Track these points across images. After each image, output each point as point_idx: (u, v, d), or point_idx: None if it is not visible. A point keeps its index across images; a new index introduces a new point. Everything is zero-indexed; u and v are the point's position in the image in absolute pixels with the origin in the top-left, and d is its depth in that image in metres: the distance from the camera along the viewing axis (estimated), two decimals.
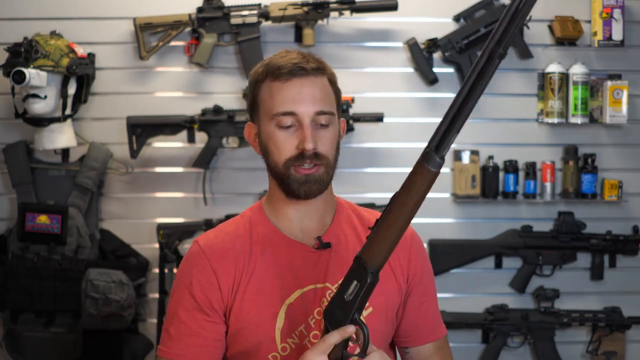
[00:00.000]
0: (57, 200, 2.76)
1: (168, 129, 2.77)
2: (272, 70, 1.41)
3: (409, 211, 1.16)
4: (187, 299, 1.42)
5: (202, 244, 1.46)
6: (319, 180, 1.40)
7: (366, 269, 1.19)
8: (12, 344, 2.72)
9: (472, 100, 1.10)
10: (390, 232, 1.17)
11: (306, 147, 1.37)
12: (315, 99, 1.40)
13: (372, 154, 2.88)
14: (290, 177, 1.40)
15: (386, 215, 1.18)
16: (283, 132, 1.40)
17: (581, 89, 2.83)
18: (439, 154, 1.14)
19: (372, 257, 1.19)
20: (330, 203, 1.49)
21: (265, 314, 1.41)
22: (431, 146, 1.14)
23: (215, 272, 1.42)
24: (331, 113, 1.42)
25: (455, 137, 1.14)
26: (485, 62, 1.06)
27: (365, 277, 1.19)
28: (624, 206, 2.93)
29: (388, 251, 1.19)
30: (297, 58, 1.41)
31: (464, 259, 2.87)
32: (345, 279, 1.21)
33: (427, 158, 1.15)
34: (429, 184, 1.15)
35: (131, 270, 2.74)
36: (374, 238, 1.19)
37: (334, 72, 1.47)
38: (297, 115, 1.39)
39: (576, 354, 2.94)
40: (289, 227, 1.46)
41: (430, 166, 1.14)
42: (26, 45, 2.63)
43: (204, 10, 2.78)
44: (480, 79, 1.08)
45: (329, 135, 1.41)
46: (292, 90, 1.39)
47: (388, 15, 2.81)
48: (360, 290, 1.19)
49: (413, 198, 1.16)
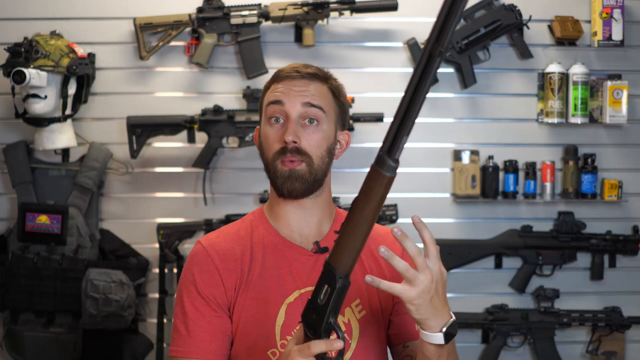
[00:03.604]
0: (57, 200, 2.76)
1: (168, 129, 2.78)
2: (276, 75, 1.52)
3: (368, 216, 1.15)
4: (194, 297, 1.46)
5: (205, 243, 1.50)
6: (301, 177, 1.45)
7: (334, 273, 1.18)
8: (12, 344, 2.72)
9: (417, 101, 1.10)
10: (353, 237, 1.16)
11: (286, 138, 1.43)
12: (305, 94, 1.47)
13: (372, 154, 2.86)
14: (276, 172, 1.46)
15: (347, 221, 1.17)
16: (272, 127, 1.47)
17: (581, 89, 2.83)
18: (392, 157, 1.12)
19: (339, 262, 1.18)
20: (328, 211, 1.54)
21: (267, 312, 1.44)
22: (383, 150, 1.12)
23: (218, 271, 1.46)
24: (320, 108, 1.47)
25: (407, 139, 1.13)
26: (426, 62, 1.05)
27: (335, 281, 1.18)
28: (623, 206, 2.93)
29: (353, 256, 1.18)
30: (299, 65, 1.50)
31: (464, 259, 2.87)
32: (317, 283, 1.21)
33: (380, 162, 1.12)
34: (386, 188, 1.13)
35: (131, 270, 2.74)
36: (338, 243, 1.18)
37: (339, 86, 1.53)
38: (284, 106, 1.45)
39: (576, 354, 2.94)
40: (289, 232, 1.51)
41: (384, 170, 1.11)
42: (26, 45, 2.64)
43: (204, 10, 2.78)
44: (422, 80, 1.07)
45: (316, 135, 1.46)
46: (284, 86, 1.48)
47: (388, 15, 2.81)
48: (332, 294, 1.19)
49: (370, 203, 1.14)
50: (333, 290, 1.19)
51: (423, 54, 1.05)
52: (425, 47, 1.05)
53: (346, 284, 1.19)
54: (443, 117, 2.85)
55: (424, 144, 2.84)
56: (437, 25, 1.03)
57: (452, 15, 1.01)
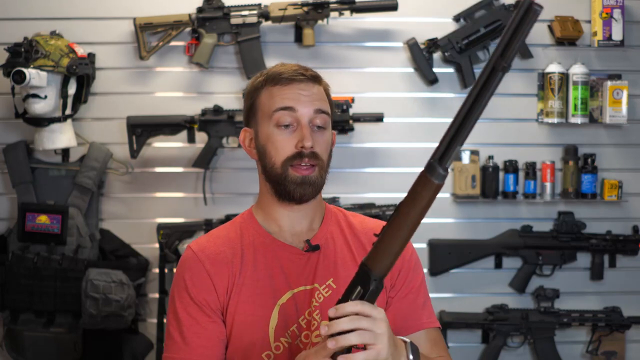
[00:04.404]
0: (57, 200, 2.76)
1: (168, 129, 2.78)
2: (273, 77, 1.48)
3: (412, 221, 1.17)
4: (187, 303, 1.45)
5: (195, 248, 1.49)
6: (314, 183, 1.45)
7: (370, 275, 1.20)
8: (12, 343, 2.72)
9: (475, 113, 1.11)
10: (394, 241, 1.18)
11: (305, 144, 1.42)
12: (314, 99, 1.47)
13: (372, 154, 2.88)
14: (287, 177, 1.44)
15: (390, 224, 1.19)
16: (282, 132, 1.45)
17: (581, 89, 2.83)
18: (442, 166, 1.14)
19: (376, 264, 1.20)
20: (319, 208, 1.54)
21: (259, 314, 1.44)
22: (435, 157, 1.14)
23: (209, 275, 1.45)
24: (328, 114, 1.48)
25: (460, 149, 1.14)
26: (488, 75, 1.06)
27: (369, 283, 1.20)
28: (623, 206, 2.93)
29: (391, 260, 1.20)
30: (296, 66, 1.49)
31: (464, 259, 2.87)
32: (350, 285, 1.23)
33: (431, 170, 1.14)
34: (433, 195, 1.15)
35: (131, 270, 2.74)
36: (378, 246, 1.20)
37: (328, 84, 1.54)
38: (296, 113, 1.44)
39: (576, 354, 2.94)
40: (279, 231, 1.50)
41: (433, 178, 1.14)
42: (26, 45, 2.64)
43: (204, 10, 2.78)
44: (483, 91, 1.08)
45: (324, 138, 1.48)
46: (292, 91, 1.46)
47: (388, 15, 2.81)
48: (364, 296, 1.21)
49: (416, 209, 1.16)
50: (365, 293, 1.21)
51: (486, 66, 1.06)
52: (489, 60, 1.06)
53: (379, 287, 1.21)
54: (443, 117, 2.85)
55: (424, 144, 2.84)
56: (503, 40, 1.04)
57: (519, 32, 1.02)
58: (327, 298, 1.45)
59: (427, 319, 1.52)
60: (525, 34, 1.03)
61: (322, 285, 1.46)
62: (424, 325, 1.51)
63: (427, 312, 1.53)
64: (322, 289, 1.46)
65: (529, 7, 1.01)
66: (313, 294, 1.45)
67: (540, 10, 1.00)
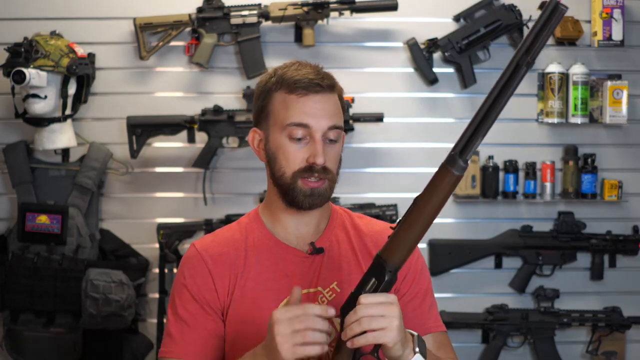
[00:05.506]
0: (57, 200, 2.76)
1: (168, 129, 2.77)
2: (288, 83, 1.44)
3: (430, 213, 1.19)
4: (186, 299, 1.46)
5: (199, 247, 1.49)
6: (323, 194, 1.44)
7: (385, 267, 1.21)
8: (12, 343, 2.72)
9: (498, 107, 1.13)
10: (410, 232, 1.20)
11: (317, 161, 1.41)
12: (329, 114, 1.44)
13: (372, 154, 2.88)
14: (296, 189, 1.43)
15: (407, 216, 1.21)
16: (294, 144, 1.43)
17: (581, 89, 2.83)
18: (463, 158, 1.16)
19: (392, 256, 1.21)
20: (326, 210, 1.53)
21: (263, 316, 1.42)
22: (456, 150, 1.16)
23: (211, 275, 1.46)
24: (341, 128, 1.46)
25: (480, 141, 1.16)
26: (513, 70, 1.10)
27: (384, 274, 1.21)
28: (623, 206, 2.93)
29: (407, 251, 1.21)
30: (312, 73, 1.44)
31: (464, 259, 2.87)
32: (364, 276, 1.24)
33: (452, 161, 1.16)
34: (452, 186, 1.18)
35: (131, 270, 2.74)
36: (394, 237, 1.22)
37: (342, 87, 1.51)
38: (310, 129, 1.42)
39: (576, 354, 2.94)
40: (284, 234, 1.50)
41: (454, 169, 1.16)
42: (26, 45, 2.64)
43: (204, 10, 2.78)
44: (507, 86, 1.12)
45: (336, 150, 1.46)
46: (307, 104, 1.43)
47: (388, 15, 2.81)
48: (378, 287, 1.22)
49: (435, 200, 1.18)
50: (380, 284, 1.22)
51: (511, 62, 1.10)
52: (514, 56, 1.10)
53: (393, 279, 1.22)
54: (443, 117, 2.85)
55: (424, 144, 2.84)
56: (529, 37, 1.08)
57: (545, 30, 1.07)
58: (330, 301, 1.45)
59: (433, 323, 1.52)
60: (550, 32, 1.07)
61: (325, 289, 1.46)
62: (430, 330, 1.51)
63: (433, 316, 1.53)
64: (326, 292, 1.46)
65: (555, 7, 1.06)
66: (316, 297, 1.45)
67: (565, 10, 1.05)
